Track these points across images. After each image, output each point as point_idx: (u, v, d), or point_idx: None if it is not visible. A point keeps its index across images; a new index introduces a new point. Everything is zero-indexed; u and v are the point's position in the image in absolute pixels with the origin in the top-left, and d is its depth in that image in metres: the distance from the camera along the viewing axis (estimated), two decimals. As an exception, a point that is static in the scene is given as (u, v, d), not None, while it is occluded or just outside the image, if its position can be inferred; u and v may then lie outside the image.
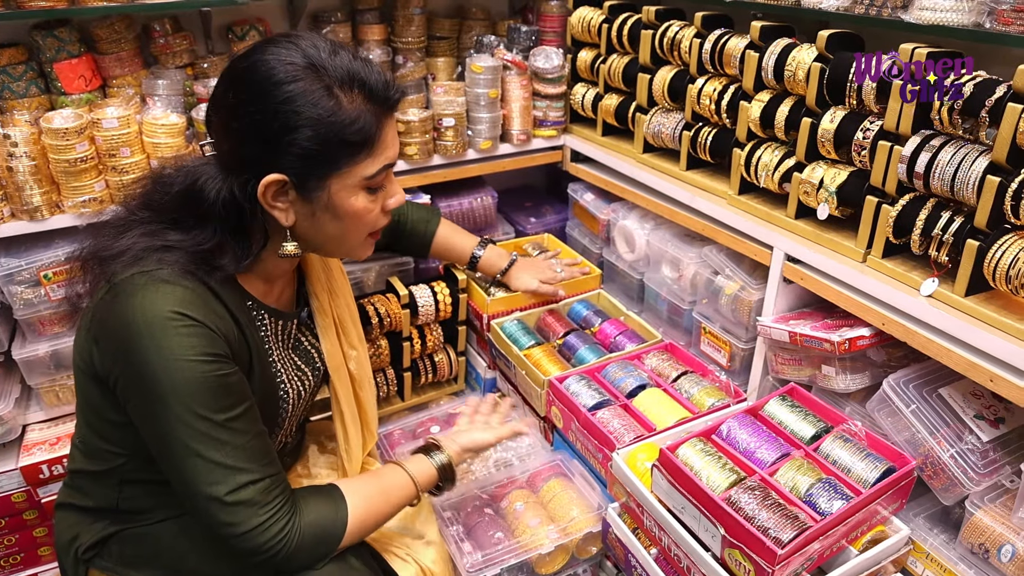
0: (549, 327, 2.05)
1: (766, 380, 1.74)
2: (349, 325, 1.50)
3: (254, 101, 1.05)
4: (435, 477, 1.38)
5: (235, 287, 1.19)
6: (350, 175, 1.11)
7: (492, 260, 1.97)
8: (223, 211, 1.10)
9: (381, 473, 1.34)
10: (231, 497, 1.07)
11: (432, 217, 1.90)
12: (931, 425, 1.33)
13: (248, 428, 1.11)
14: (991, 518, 1.28)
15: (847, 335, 1.42)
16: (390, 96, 1.13)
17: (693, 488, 1.31)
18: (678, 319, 2.04)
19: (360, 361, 1.53)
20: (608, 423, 1.64)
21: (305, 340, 1.40)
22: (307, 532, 1.15)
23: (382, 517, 1.29)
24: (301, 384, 1.36)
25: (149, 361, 1.03)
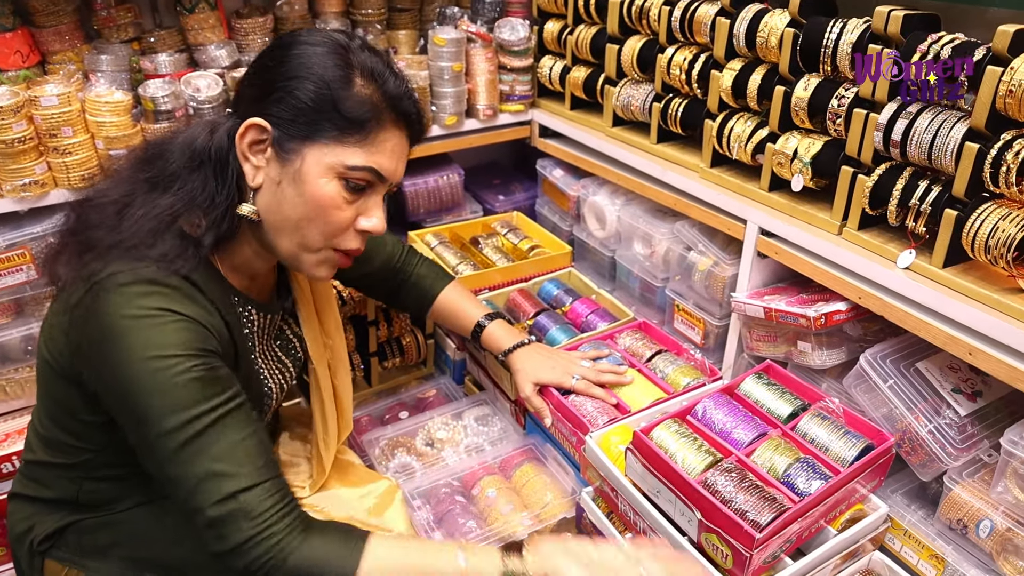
0: (519, 307, 1.99)
1: (741, 358, 1.70)
2: (327, 315, 1.45)
3: (276, 49, 1.08)
4: None
5: (220, 281, 1.14)
6: (331, 152, 1.04)
7: (497, 336, 1.64)
8: (212, 154, 1.07)
9: (431, 547, 1.10)
10: (213, 511, 0.95)
11: (442, 278, 1.69)
12: (909, 400, 1.30)
13: (238, 424, 1.01)
14: (969, 493, 1.25)
15: (823, 310, 1.38)
16: (406, 108, 1.09)
17: (668, 471, 1.27)
18: (651, 297, 2.00)
19: (336, 351, 1.48)
20: (581, 406, 1.59)
21: (288, 330, 1.36)
22: (301, 566, 0.98)
23: None
24: (283, 377, 1.32)
25: (132, 361, 0.96)
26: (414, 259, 1.69)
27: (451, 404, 1.97)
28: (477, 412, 1.90)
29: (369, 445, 1.80)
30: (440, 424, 1.87)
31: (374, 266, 1.61)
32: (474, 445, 1.81)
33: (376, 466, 1.74)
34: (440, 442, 1.82)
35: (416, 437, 1.84)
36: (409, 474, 1.71)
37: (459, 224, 2.31)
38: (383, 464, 1.75)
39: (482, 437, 1.83)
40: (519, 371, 1.60)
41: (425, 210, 2.31)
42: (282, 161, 1.06)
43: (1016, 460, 1.17)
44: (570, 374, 1.59)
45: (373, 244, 1.61)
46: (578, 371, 1.60)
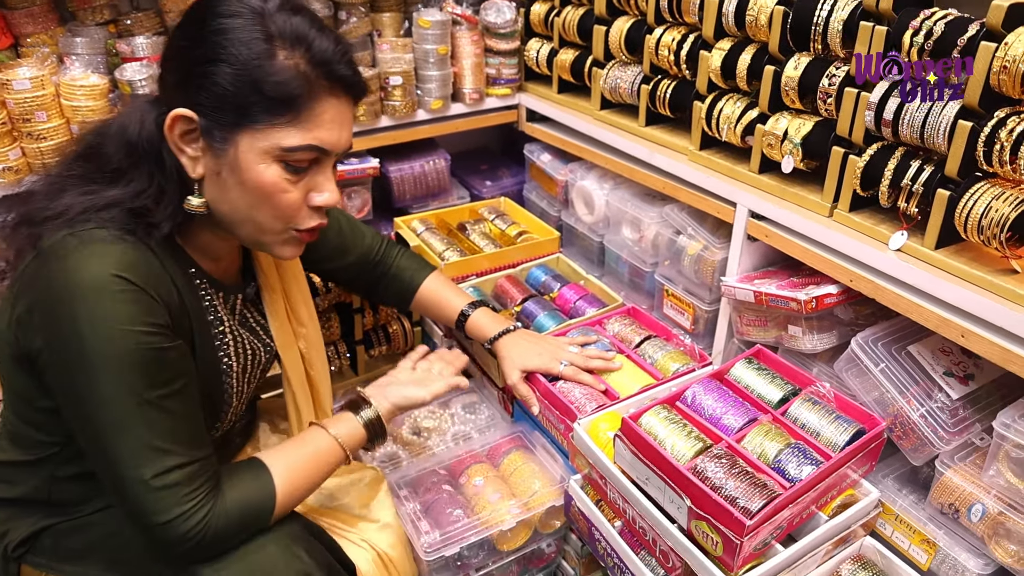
0: (506, 293, 1.96)
1: (731, 343, 1.68)
2: (299, 302, 1.40)
3: (189, 25, 1.00)
4: (363, 436, 1.28)
5: (177, 251, 1.10)
6: (264, 137, 0.98)
7: (482, 324, 1.61)
8: (147, 147, 1.01)
9: (304, 438, 1.23)
10: (157, 481, 0.98)
11: (423, 268, 1.65)
12: (900, 384, 1.28)
13: (182, 408, 1.02)
14: (961, 477, 1.24)
15: (813, 293, 1.36)
16: (339, 72, 1.01)
17: (657, 458, 1.25)
18: (640, 282, 1.97)
19: (310, 339, 1.44)
20: (569, 393, 1.57)
21: (251, 318, 1.30)
22: (232, 511, 1.06)
23: (312, 483, 1.19)
24: (249, 360, 1.26)
25: (79, 329, 0.94)
26: (394, 251, 1.64)
27: (440, 392, 1.94)
28: (464, 400, 1.88)
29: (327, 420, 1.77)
30: (427, 413, 1.84)
31: (352, 258, 1.57)
32: (461, 433, 1.79)
33: (361, 456, 1.71)
34: (427, 431, 1.80)
35: (402, 426, 1.81)
36: (395, 464, 1.69)
37: (446, 210, 2.28)
38: (368, 454, 1.72)
39: (469, 425, 1.81)
40: (505, 359, 1.58)
41: (411, 196, 2.28)
42: (215, 151, 1.00)
43: (1008, 443, 1.15)
44: (558, 360, 1.56)
45: (352, 236, 1.57)
46: (566, 357, 1.57)
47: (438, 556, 1.47)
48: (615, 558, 1.40)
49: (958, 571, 1.27)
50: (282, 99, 0.97)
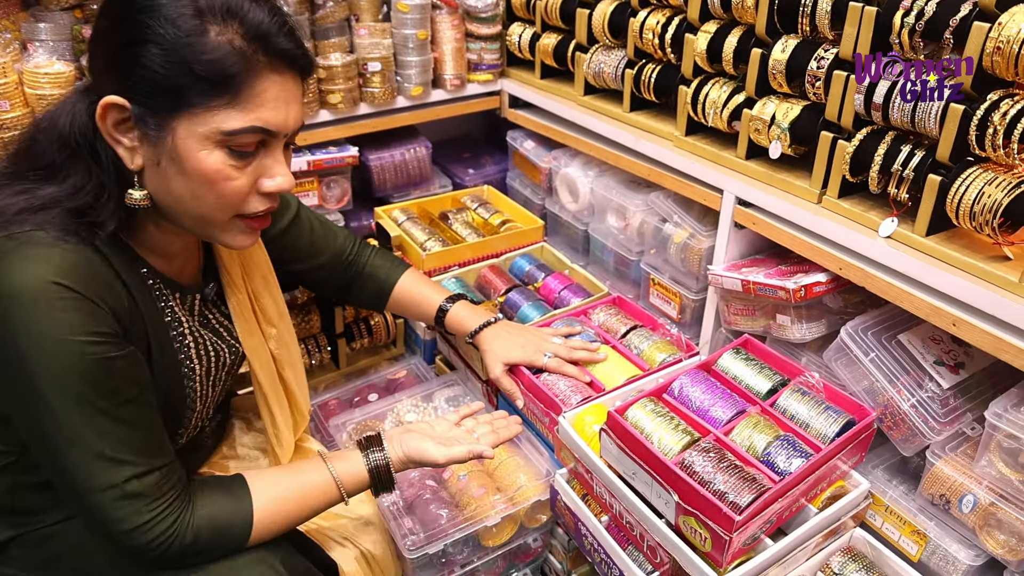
0: (490, 284, 1.93)
1: (719, 332, 1.65)
2: (267, 301, 1.34)
3: (113, 5, 0.93)
4: (365, 480, 1.19)
5: (125, 250, 1.03)
6: (202, 121, 0.91)
7: (462, 318, 1.56)
8: (81, 140, 0.95)
9: (299, 467, 1.18)
10: (114, 492, 0.94)
11: (397, 266, 1.60)
12: (891, 373, 1.26)
13: (136, 417, 0.97)
14: (952, 468, 1.22)
15: (802, 282, 1.33)
16: (279, 46, 0.93)
17: (644, 452, 1.22)
18: (626, 271, 1.94)
19: (282, 339, 1.38)
20: (554, 385, 1.54)
21: (213, 319, 1.24)
22: (202, 527, 1.02)
23: (296, 517, 1.14)
24: (212, 362, 1.20)
25: (19, 342, 0.88)
26: (366, 251, 1.59)
27: (421, 385, 1.91)
28: (448, 393, 1.84)
29: (336, 430, 1.73)
30: (410, 406, 1.81)
31: (324, 259, 1.51)
32: (445, 427, 1.75)
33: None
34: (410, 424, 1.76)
35: (385, 420, 1.78)
36: (377, 459, 1.65)
37: (427, 199, 2.23)
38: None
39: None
40: (488, 352, 1.54)
41: (392, 185, 2.23)
42: (152, 140, 0.93)
43: (1000, 433, 1.13)
44: (541, 352, 1.53)
45: (324, 236, 1.51)
46: (549, 348, 1.54)
47: (422, 554, 1.44)
48: (602, 553, 1.38)
49: (949, 562, 1.25)
50: (218, 79, 0.89)
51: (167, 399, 1.10)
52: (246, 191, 0.98)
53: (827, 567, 1.30)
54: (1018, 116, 1.04)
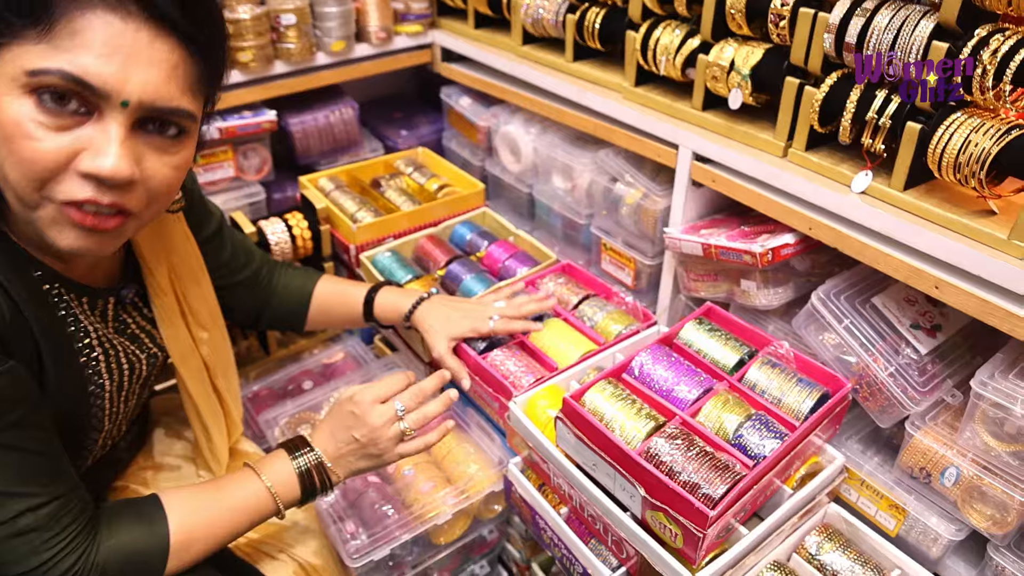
0: (429, 255, 1.77)
1: (678, 299, 1.54)
2: (198, 303, 1.19)
3: None
4: (299, 487, 1.08)
5: (10, 251, 0.86)
6: (10, 58, 0.73)
7: (391, 302, 1.43)
8: None
9: (224, 482, 1.06)
10: (4, 530, 0.82)
11: (312, 275, 1.46)
12: (866, 340, 1.16)
13: (24, 441, 0.83)
14: (933, 439, 1.14)
15: (769, 244, 1.22)
16: None
17: (604, 442, 1.10)
18: (575, 235, 1.81)
19: (216, 344, 1.23)
20: (502, 366, 1.41)
21: (133, 323, 1.08)
22: (111, 561, 0.89)
23: (220, 540, 1.01)
24: (126, 376, 1.04)
25: None
26: (279, 268, 1.44)
27: (360, 369, 1.76)
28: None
29: (268, 425, 1.58)
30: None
31: (241, 278, 1.35)
32: (387, 415, 1.61)
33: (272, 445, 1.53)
34: (348, 415, 1.61)
35: (321, 411, 1.63)
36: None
37: (357, 165, 2.05)
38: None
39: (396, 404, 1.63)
40: (428, 330, 1.40)
41: (317, 151, 2.04)
42: None
43: (985, 403, 1.05)
44: (486, 318, 1.40)
45: (243, 254, 1.35)
46: (494, 312, 1.41)
47: (367, 561, 1.31)
48: (562, 548, 1.27)
49: (928, 536, 1.18)
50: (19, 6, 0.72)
51: (68, 419, 0.95)
52: (55, 161, 0.76)
53: (802, 548, 1.21)
54: (1011, 53, 0.92)
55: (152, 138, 0.82)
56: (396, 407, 1.15)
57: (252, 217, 1.79)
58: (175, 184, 0.87)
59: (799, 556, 1.20)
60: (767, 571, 1.18)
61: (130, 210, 0.82)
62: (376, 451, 1.13)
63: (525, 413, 1.31)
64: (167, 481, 1.28)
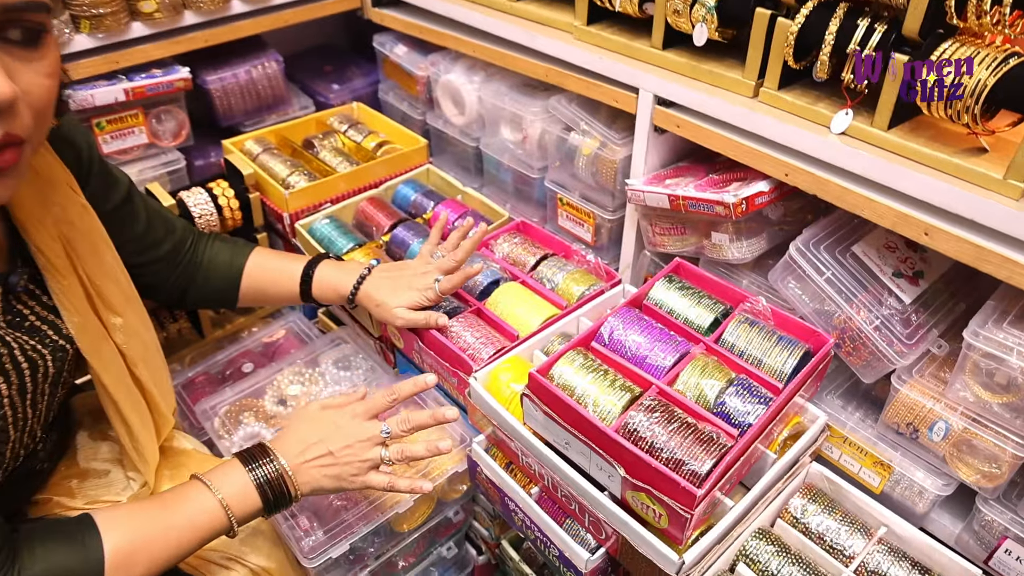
0: (371, 220, 1.64)
1: (643, 255, 1.45)
2: (106, 283, 1.04)
3: None
4: (256, 503, 0.99)
5: None
6: None
7: (332, 281, 1.30)
8: None
9: (170, 497, 0.96)
10: None
11: (242, 247, 1.32)
12: (848, 292, 1.09)
13: None
14: (920, 393, 1.08)
15: (743, 193, 1.12)
16: None
17: (577, 420, 1.01)
18: (528, 191, 1.69)
19: (132, 329, 1.08)
20: (459, 338, 1.30)
21: (31, 314, 0.94)
22: None
23: (164, 561, 0.91)
24: (27, 376, 0.91)
25: None
26: (206, 240, 1.30)
27: (304, 348, 1.63)
28: (336, 354, 1.58)
29: (205, 416, 1.44)
30: (292, 376, 1.53)
31: (161, 252, 1.21)
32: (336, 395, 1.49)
33: (216, 443, 1.40)
34: (294, 399, 1.49)
35: (264, 396, 1.50)
36: (259, 446, 1.39)
37: (286, 124, 1.88)
38: (227, 439, 1.41)
39: (345, 384, 1.52)
40: (380, 305, 1.28)
41: (240, 111, 1.86)
42: None
43: (977, 354, 0.99)
44: (431, 281, 1.28)
45: (160, 225, 1.21)
46: (432, 273, 1.29)
47: (324, 559, 1.20)
48: (536, 531, 1.18)
49: (915, 492, 1.13)
50: None
51: None
52: None
53: (786, 512, 1.16)
54: (1010, -29, 0.83)
55: (13, 50, 0.71)
56: (383, 430, 1.07)
57: (172, 188, 1.62)
58: (54, 93, 0.77)
59: (783, 521, 1.14)
60: (752, 540, 1.12)
61: (22, 136, 0.72)
62: (347, 472, 1.05)
63: (487, 389, 1.21)
64: (95, 488, 1.15)
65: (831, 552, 1.10)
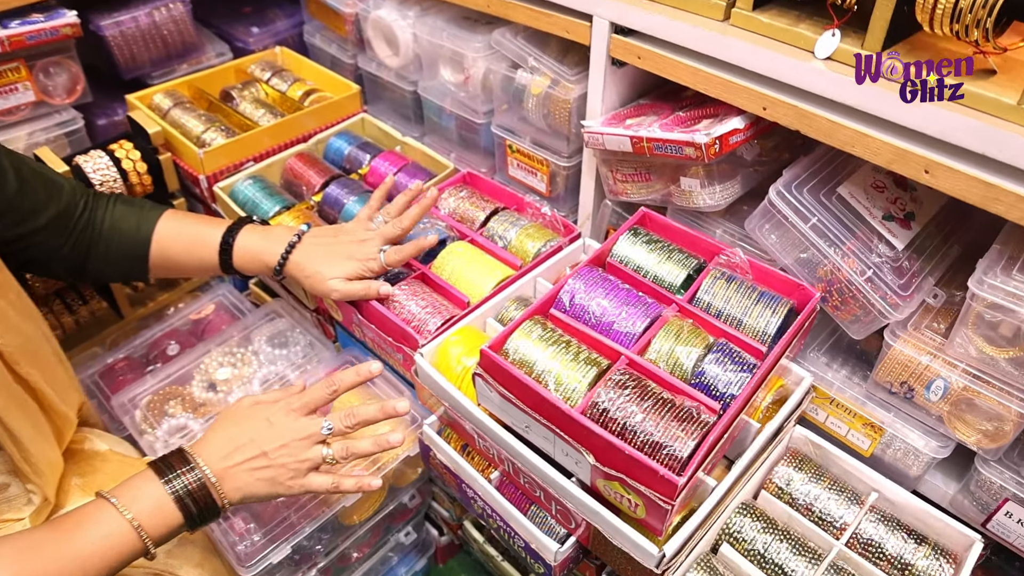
0: (300, 178, 1.47)
1: (603, 206, 1.31)
2: None
3: None
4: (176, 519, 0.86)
5: None
6: None
7: (256, 249, 1.13)
8: None
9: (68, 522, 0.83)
10: None
11: (150, 210, 1.14)
12: (836, 239, 0.96)
13: None
14: (915, 349, 0.97)
15: (715, 132, 0.98)
16: None
17: (537, 401, 0.89)
18: (474, 138, 1.53)
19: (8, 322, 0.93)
20: (402, 308, 1.16)
21: None
22: None
23: None
24: None
25: None
26: (104, 202, 1.12)
27: (236, 324, 1.47)
28: (270, 329, 1.42)
29: (124, 409, 1.29)
30: (221, 357, 1.38)
31: (43, 221, 1.03)
32: (272, 377, 1.35)
33: (138, 440, 1.24)
34: (224, 383, 1.34)
35: (191, 382, 1.35)
36: (187, 438, 1.24)
37: (200, 75, 1.68)
38: (150, 433, 1.25)
39: (281, 364, 1.37)
40: (312, 276, 1.13)
41: (145, 61, 1.65)
42: None
43: (981, 304, 0.88)
44: (374, 252, 1.13)
45: (40, 188, 1.03)
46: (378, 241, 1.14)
47: (264, 565, 1.08)
48: (498, 519, 1.07)
49: (908, 454, 1.04)
50: None
51: None
52: None
53: (770, 482, 1.06)
54: None
55: None
56: (323, 426, 0.94)
57: (70, 152, 1.42)
58: None
59: (768, 492, 1.04)
60: (736, 516, 1.02)
61: None
62: (283, 475, 0.92)
63: (435, 366, 1.08)
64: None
65: (820, 524, 1.01)
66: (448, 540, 1.51)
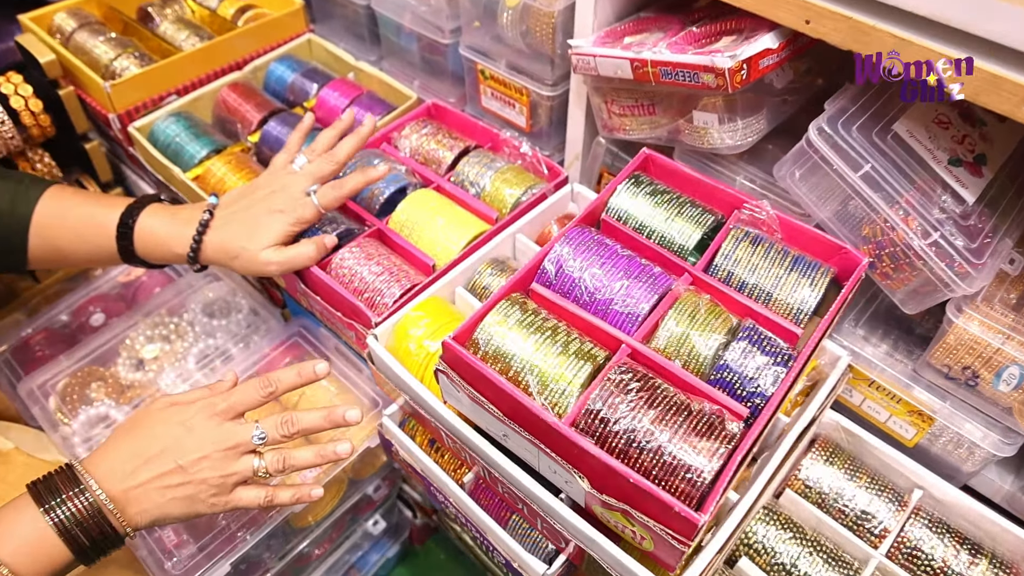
0: (235, 113, 1.23)
1: (596, 144, 1.09)
2: None
3: None
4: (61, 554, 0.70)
5: None
6: None
7: (162, 235, 0.91)
8: None
9: None
10: None
11: (28, 186, 0.92)
12: (892, 191, 0.76)
13: None
14: (983, 327, 0.78)
15: (743, 53, 0.76)
16: None
17: (516, 409, 0.70)
18: (440, 62, 1.29)
19: None
20: (353, 275, 0.95)
21: None
22: None
23: None
24: None
25: None
26: None
27: (170, 288, 1.26)
28: (208, 294, 1.22)
29: (32, 398, 1.09)
30: (149, 330, 1.18)
31: None
32: (211, 352, 1.15)
33: (50, 434, 1.05)
34: (154, 361, 1.15)
35: (116, 361, 1.15)
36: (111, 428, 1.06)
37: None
38: (68, 425, 1.07)
39: (221, 337, 1.17)
40: (238, 256, 0.92)
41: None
42: None
43: (1081, 272, 0.68)
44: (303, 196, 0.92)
45: None
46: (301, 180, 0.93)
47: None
48: (472, 529, 0.90)
49: (962, 447, 0.86)
50: None
51: None
52: None
53: (796, 479, 0.89)
54: None
55: None
56: (254, 434, 0.77)
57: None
58: None
59: (792, 491, 0.88)
60: (757, 523, 0.86)
61: None
62: (203, 492, 0.75)
63: (393, 349, 0.89)
64: None
65: (855, 530, 0.85)
66: (423, 522, 1.35)
